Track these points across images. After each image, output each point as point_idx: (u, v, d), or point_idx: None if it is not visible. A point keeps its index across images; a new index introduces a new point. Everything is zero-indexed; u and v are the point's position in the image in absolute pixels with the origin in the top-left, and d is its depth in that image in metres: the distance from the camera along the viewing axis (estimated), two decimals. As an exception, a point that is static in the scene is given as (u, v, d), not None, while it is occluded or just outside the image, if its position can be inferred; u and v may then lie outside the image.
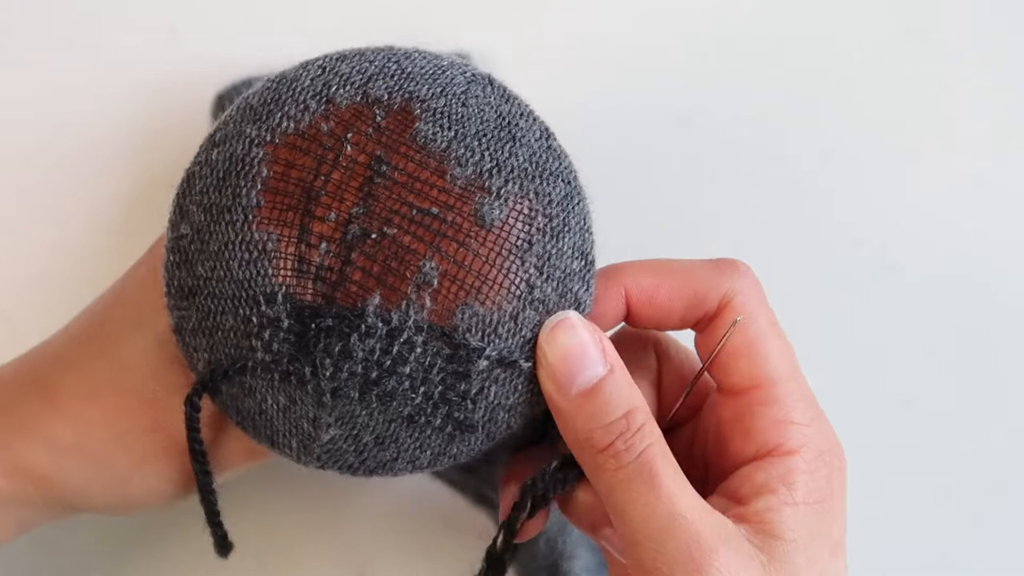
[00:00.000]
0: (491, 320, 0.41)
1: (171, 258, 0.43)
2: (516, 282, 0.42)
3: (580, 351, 0.41)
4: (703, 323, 0.44)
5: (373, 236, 0.41)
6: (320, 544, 0.59)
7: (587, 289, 0.43)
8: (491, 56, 0.60)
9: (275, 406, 0.43)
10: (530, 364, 0.42)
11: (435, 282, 0.41)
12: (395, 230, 0.41)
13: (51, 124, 0.58)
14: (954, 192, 0.62)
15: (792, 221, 0.61)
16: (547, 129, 0.45)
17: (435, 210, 0.41)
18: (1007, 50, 0.63)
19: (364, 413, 0.42)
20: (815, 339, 0.58)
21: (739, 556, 0.39)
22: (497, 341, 0.42)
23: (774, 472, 0.41)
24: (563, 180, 0.44)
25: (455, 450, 0.43)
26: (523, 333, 0.42)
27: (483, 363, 0.42)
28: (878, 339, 0.61)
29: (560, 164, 0.44)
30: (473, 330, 0.41)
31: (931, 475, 0.60)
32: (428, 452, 0.43)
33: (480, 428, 0.43)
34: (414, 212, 0.41)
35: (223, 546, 0.49)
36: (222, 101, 0.56)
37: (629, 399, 0.41)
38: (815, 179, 0.62)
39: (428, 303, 0.41)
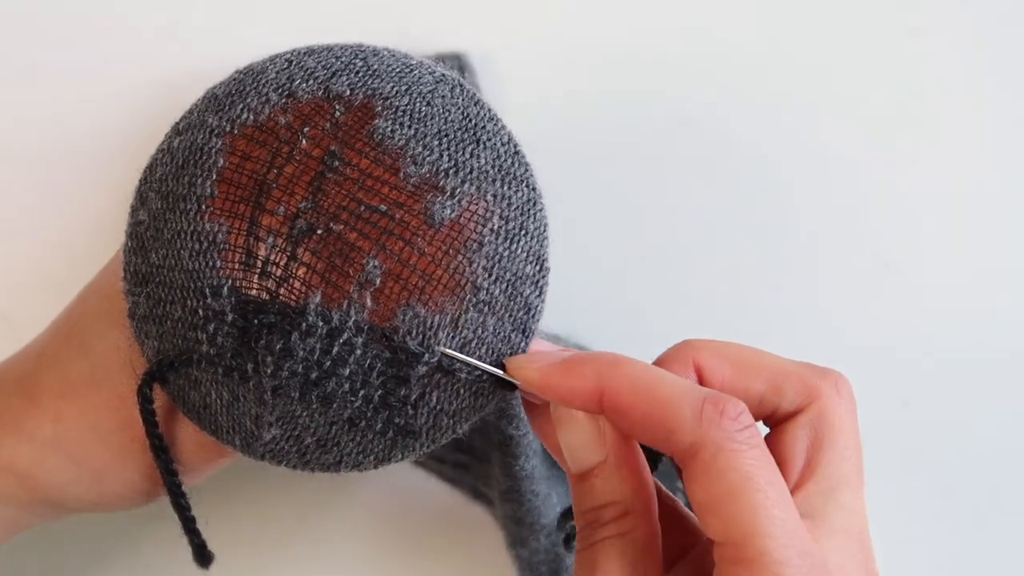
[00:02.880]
0: (432, 323, 0.40)
1: (129, 243, 0.43)
2: (461, 283, 0.41)
3: (580, 436, 0.40)
4: (774, 419, 0.41)
5: (319, 232, 0.40)
6: (316, 540, 0.59)
7: (539, 295, 0.42)
8: (488, 57, 0.60)
9: (219, 401, 0.42)
10: (467, 375, 0.41)
11: (377, 281, 0.40)
12: (341, 226, 0.40)
13: (51, 124, 0.59)
14: (954, 192, 0.61)
15: (792, 221, 0.61)
16: (513, 137, 0.44)
17: (383, 207, 0.41)
18: (1007, 51, 0.62)
19: (305, 414, 0.41)
20: (814, 339, 0.59)
21: None
22: (438, 346, 0.41)
23: None
24: (527, 185, 0.43)
25: (399, 455, 0.42)
26: (464, 335, 0.41)
27: (422, 368, 0.40)
28: (877, 339, 0.60)
29: (526, 171, 0.43)
30: (414, 332, 0.40)
31: (930, 476, 0.60)
32: (371, 456, 0.42)
33: (423, 434, 0.42)
34: (362, 209, 0.41)
35: (202, 555, 0.48)
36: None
37: (611, 493, 0.40)
38: (815, 179, 0.61)
39: (369, 303, 0.40)
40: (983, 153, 0.61)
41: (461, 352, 0.41)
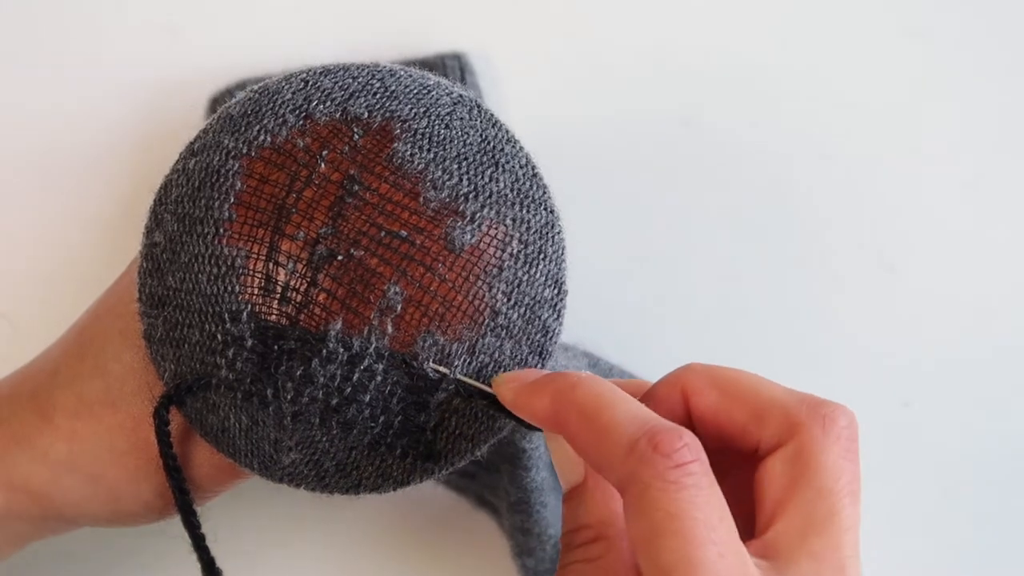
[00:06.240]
0: (451, 350, 0.40)
1: (144, 265, 0.43)
2: (480, 308, 0.40)
3: (563, 453, 0.40)
4: (759, 451, 0.39)
5: (340, 258, 0.40)
6: (323, 549, 0.59)
7: (557, 317, 0.42)
8: (488, 57, 0.59)
9: (238, 425, 0.42)
10: (484, 401, 0.41)
11: (398, 307, 0.40)
12: (362, 252, 0.40)
13: (51, 124, 0.59)
14: (953, 193, 0.61)
15: (792, 222, 0.61)
16: (531, 158, 0.43)
17: (404, 233, 0.40)
18: (1006, 51, 0.62)
19: (325, 439, 0.41)
20: (815, 340, 0.59)
21: None
22: (455, 372, 0.41)
23: None
24: (545, 208, 0.43)
25: (419, 478, 0.42)
26: (481, 360, 0.41)
27: (441, 395, 0.40)
28: (877, 340, 0.60)
29: (543, 193, 0.43)
30: (433, 359, 0.40)
31: (930, 476, 0.60)
32: (391, 480, 0.42)
33: (443, 458, 0.42)
34: (382, 234, 0.40)
35: (211, 572, 0.47)
36: (216, 104, 0.55)
37: (585, 515, 0.39)
38: (815, 180, 0.61)
39: (390, 329, 0.40)
40: (985, 155, 0.61)
41: (478, 376, 0.41)
